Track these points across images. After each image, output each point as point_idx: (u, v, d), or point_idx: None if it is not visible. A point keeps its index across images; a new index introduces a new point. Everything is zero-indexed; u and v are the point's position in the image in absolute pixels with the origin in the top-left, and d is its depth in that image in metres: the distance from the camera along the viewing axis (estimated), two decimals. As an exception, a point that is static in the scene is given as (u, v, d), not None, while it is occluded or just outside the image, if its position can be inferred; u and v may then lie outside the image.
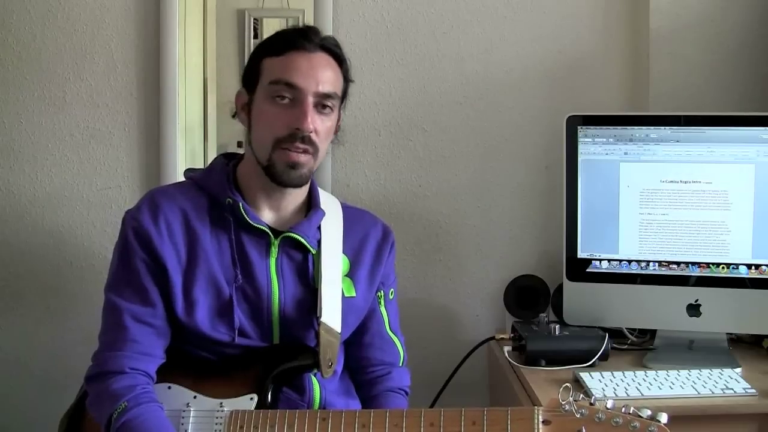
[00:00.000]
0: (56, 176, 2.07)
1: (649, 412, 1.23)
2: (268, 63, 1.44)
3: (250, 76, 1.47)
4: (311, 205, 1.55)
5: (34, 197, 2.07)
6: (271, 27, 2.07)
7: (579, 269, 1.83)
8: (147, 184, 2.05)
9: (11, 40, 2.04)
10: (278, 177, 1.44)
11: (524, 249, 2.11)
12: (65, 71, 2.05)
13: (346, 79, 1.50)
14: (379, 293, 1.59)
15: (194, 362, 1.45)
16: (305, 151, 1.42)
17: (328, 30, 2.01)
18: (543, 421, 1.27)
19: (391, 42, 2.07)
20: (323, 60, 1.44)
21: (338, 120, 1.52)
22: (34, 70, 2.05)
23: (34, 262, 2.08)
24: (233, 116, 1.53)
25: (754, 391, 1.56)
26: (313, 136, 1.42)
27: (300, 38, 1.44)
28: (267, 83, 1.43)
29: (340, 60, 1.48)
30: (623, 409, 1.24)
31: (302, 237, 1.48)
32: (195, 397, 1.41)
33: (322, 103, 1.43)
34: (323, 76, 1.43)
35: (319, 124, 1.43)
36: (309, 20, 2.03)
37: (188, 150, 2.09)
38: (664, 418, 1.22)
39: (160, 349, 1.44)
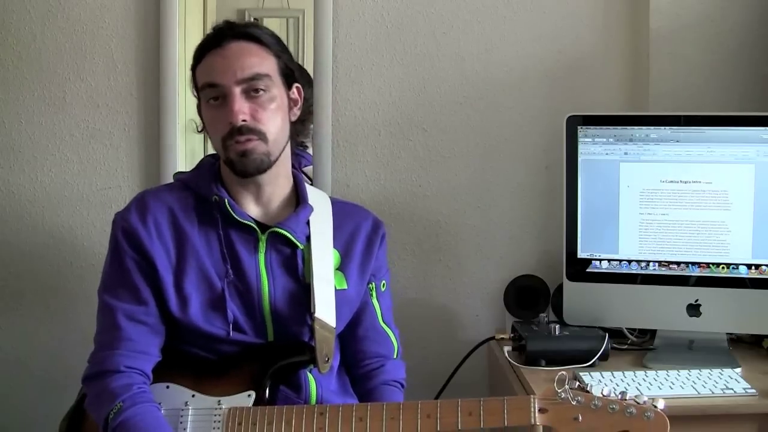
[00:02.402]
0: (56, 176, 2.07)
1: (645, 398, 1.23)
2: (197, 72, 1.48)
3: (196, 89, 1.51)
4: (299, 201, 1.55)
5: (34, 197, 2.07)
6: (271, 27, 2.06)
7: (579, 269, 1.83)
8: (147, 184, 2.05)
9: (11, 40, 2.04)
10: (237, 168, 1.45)
11: (524, 249, 2.11)
12: (65, 71, 2.05)
13: (279, 55, 1.49)
14: (370, 285, 1.60)
15: (192, 361, 1.46)
16: (248, 140, 1.43)
17: (328, 30, 2.01)
18: (539, 410, 1.27)
19: (391, 42, 2.07)
20: (237, 48, 1.45)
21: (293, 95, 1.51)
22: (34, 70, 2.05)
23: (34, 262, 2.08)
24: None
25: (754, 391, 1.56)
26: (249, 123, 1.43)
27: (213, 38, 1.46)
28: (200, 91, 1.47)
29: (258, 40, 1.47)
30: (619, 396, 1.24)
31: (289, 232, 1.49)
32: (193, 395, 1.41)
33: (252, 87, 1.43)
34: (240, 63, 1.43)
35: (255, 110, 1.43)
36: (309, 20, 2.04)
37: (188, 150, 2.09)
38: (660, 404, 1.23)
39: (156, 347, 1.44)
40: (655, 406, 1.22)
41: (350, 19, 2.06)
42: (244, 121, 1.42)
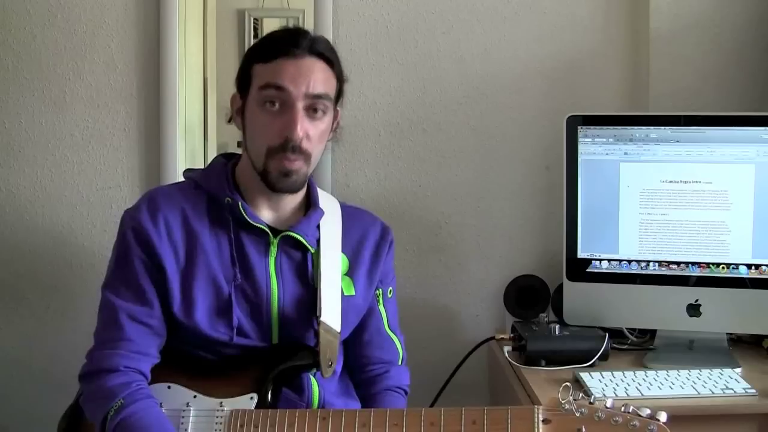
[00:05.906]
0: (56, 176, 2.07)
1: (648, 411, 1.23)
2: (258, 69, 1.44)
3: (242, 81, 1.47)
4: (310, 204, 1.55)
5: (34, 197, 2.07)
6: (271, 27, 2.06)
7: (579, 269, 1.83)
8: (147, 184, 2.05)
9: (11, 40, 2.04)
10: (273, 184, 1.44)
11: (524, 249, 2.11)
12: (65, 71, 2.05)
13: (340, 79, 1.49)
14: (377, 291, 1.59)
15: (194, 362, 1.45)
16: (296, 160, 1.42)
17: (328, 30, 2.01)
18: (543, 420, 1.27)
19: (391, 42, 2.07)
20: (312, 64, 1.43)
21: (335, 119, 1.51)
22: (34, 70, 2.05)
23: (34, 262, 2.08)
24: (228, 121, 1.53)
25: (754, 391, 1.56)
26: (304, 143, 1.41)
27: (288, 44, 1.43)
28: (257, 89, 1.43)
29: (330, 61, 1.46)
30: (622, 408, 1.24)
31: (301, 236, 1.48)
32: (195, 396, 1.41)
33: (313, 106, 1.42)
34: (314, 78, 1.42)
35: (310, 129, 1.42)
36: (309, 20, 2.03)
37: (188, 150, 2.09)
38: (663, 416, 1.22)
39: (155, 349, 1.44)
40: (658, 420, 1.22)
41: (350, 19, 2.06)
42: (300, 140, 1.41)
